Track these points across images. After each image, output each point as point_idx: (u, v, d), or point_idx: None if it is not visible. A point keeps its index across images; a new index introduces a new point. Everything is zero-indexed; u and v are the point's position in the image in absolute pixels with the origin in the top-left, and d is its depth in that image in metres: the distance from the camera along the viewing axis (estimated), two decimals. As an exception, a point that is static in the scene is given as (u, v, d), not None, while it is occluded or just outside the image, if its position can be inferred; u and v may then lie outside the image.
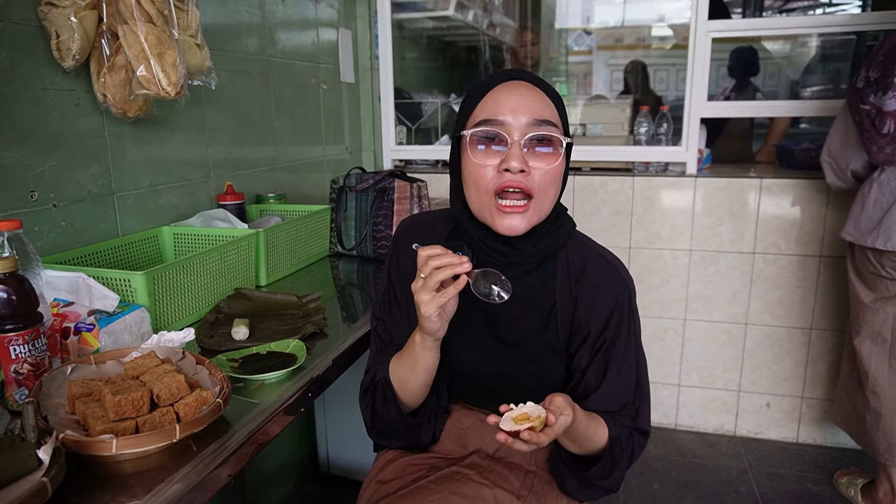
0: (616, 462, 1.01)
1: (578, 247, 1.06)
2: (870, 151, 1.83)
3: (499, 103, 0.93)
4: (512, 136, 0.92)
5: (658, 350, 2.61)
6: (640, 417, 1.05)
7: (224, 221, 1.61)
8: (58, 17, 1.20)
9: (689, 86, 2.40)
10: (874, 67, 1.76)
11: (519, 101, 0.93)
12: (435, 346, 0.97)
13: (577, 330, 1.04)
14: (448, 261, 0.87)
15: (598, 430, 0.98)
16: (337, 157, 2.53)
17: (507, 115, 0.92)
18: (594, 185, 2.53)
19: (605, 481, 1.03)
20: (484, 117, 0.94)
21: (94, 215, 1.39)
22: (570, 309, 1.04)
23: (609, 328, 1.02)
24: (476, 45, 3.85)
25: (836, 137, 1.96)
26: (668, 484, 2.29)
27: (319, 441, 2.33)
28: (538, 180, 0.93)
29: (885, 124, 1.73)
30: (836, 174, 2.01)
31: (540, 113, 0.93)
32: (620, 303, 1.03)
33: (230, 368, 1.05)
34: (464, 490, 1.02)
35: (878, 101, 1.74)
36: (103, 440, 0.75)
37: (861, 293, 1.97)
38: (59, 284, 1.12)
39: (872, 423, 1.98)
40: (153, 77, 1.24)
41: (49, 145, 1.27)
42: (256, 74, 1.96)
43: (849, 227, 1.96)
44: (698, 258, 2.49)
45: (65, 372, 0.93)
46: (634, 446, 1.04)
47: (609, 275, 1.05)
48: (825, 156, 2.01)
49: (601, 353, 1.03)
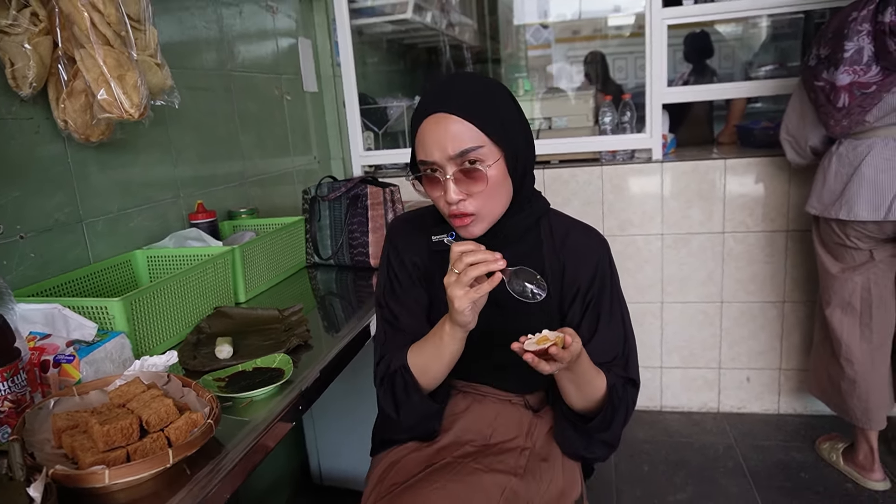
0: (615, 412, 1.08)
1: (558, 219, 1.18)
2: (827, 125, 1.88)
3: (426, 143, 1.01)
4: (445, 173, 1.01)
5: (638, 334, 2.60)
6: (629, 366, 1.14)
7: (198, 240, 1.59)
8: (10, 44, 1.18)
9: (648, 73, 2.44)
10: (824, 45, 1.82)
11: (440, 137, 0.99)
12: (464, 336, 1.03)
13: (567, 291, 1.14)
14: (483, 257, 0.93)
15: (598, 376, 1.06)
16: (306, 168, 2.52)
17: (436, 154, 1.00)
18: (564, 177, 2.56)
19: (605, 434, 1.11)
20: (421, 157, 1.03)
21: (64, 244, 1.37)
22: (559, 272, 1.14)
23: (595, 285, 1.13)
24: (436, 46, 3.87)
25: (794, 115, 2.01)
26: (658, 465, 2.33)
27: (310, 453, 2.31)
28: (476, 202, 1.02)
29: (840, 98, 1.79)
30: (795, 151, 2.07)
31: (460, 143, 0.99)
32: (602, 261, 1.14)
33: (217, 388, 1.04)
34: (461, 477, 1.06)
35: (830, 76, 1.80)
36: (95, 471, 0.73)
37: (828, 264, 2.03)
38: (34, 317, 1.09)
39: (848, 389, 2.04)
40: (115, 100, 1.22)
41: (11, 176, 1.24)
42: (219, 90, 1.94)
43: (812, 200, 2.02)
44: (670, 241, 2.54)
45: (48, 406, 0.91)
46: (629, 398, 1.12)
47: (589, 238, 1.16)
48: (784, 134, 2.07)
49: (591, 308, 1.13)
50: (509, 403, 1.24)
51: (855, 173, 1.85)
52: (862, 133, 1.86)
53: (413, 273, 1.17)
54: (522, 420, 1.21)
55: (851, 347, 2.01)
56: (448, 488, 1.04)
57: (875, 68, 1.73)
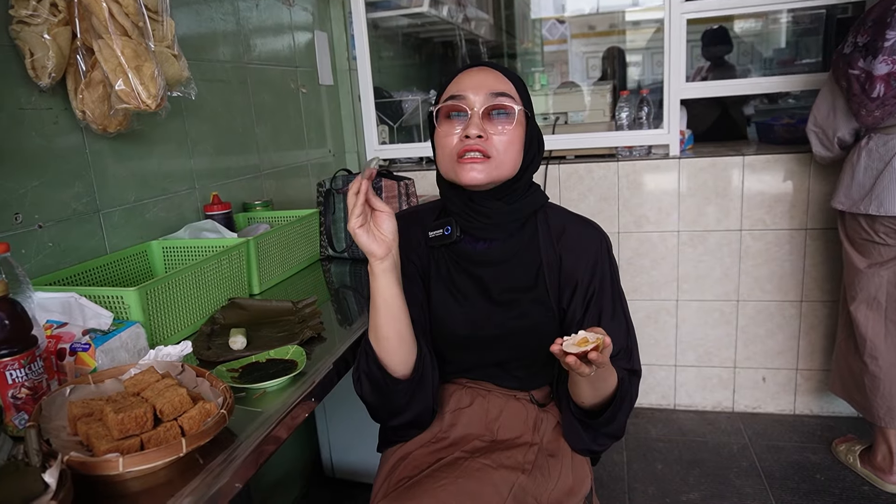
0: (620, 405, 1.08)
1: (555, 212, 1.20)
2: (858, 115, 1.85)
3: (461, 83, 1.09)
4: (472, 108, 1.06)
5: (652, 332, 2.63)
6: (633, 358, 1.15)
7: (213, 232, 1.60)
8: (30, 35, 1.18)
9: (667, 68, 2.41)
10: (863, 32, 1.79)
11: (478, 79, 1.08)
12: (383, 270, 0.99)
13: (566, 284, 1.14)
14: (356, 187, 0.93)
15: (613, 374, 1.06)
16: (320, 161, 2.52)
17: (468, 91, 1.07)
18: (579, 173, 2.54)
19: (610, 427, 1.11)
20: (449, 94, 1.09)
21: (81, 234, 1.38)
22: (556, 265, 1.14)
23: (595, 278, 1.13)
24: (452, 40, 3.85)
25: (823, 106, 1.97)
26: (672, 463, 2.31)
27: (322, 445, 2.32)
28: (496, 143, 1.06)
29: (876, 87, 1.76)
30: (822, 143, 2.03)
31: (496, 87, 1.07)
32: (601, 254, 1.14)
33: (231, 379, 1.05)
34: (469, 473, 1.05)
35: (867, 65, 1.77)
36: (109, 459, 0.74)
37: (855, 260, 2.00)
38: (51, 306, 1.10)
39: (871, 386, 2.02)
40: (132, 91, 1.22)
41: (30, 166, 1.26)
42: (235, 82, 1.95)
43: (840, 195, 1.99)
44: (686, 238, 2.51)
45: (64, 393, 0.92)
46: (633, 390, 1.13)
47: (587, 231, 1.17)
48: (811, 125, 2.03)
49: (593, 303, 1.12)
50: (514, 398, 1.23)
51: (886, 168, 1.82)
52: (893, 127, 1.83)
53: (410, 269, 1.16)
54: (528, 415, 1.21)
55: (876, 343, 1.98)
56: (458, 484, 1.04)
57: None
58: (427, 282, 1.18)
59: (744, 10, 2.63)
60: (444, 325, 1.17)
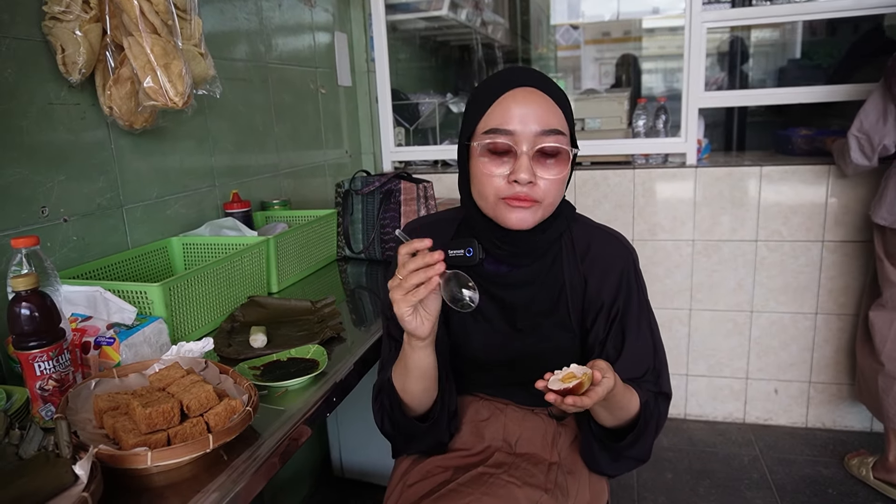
0: (646, 428, 1.03)
1: (581, 228, 1.11)
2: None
3: (508, 112, 0.95)
4: (521, 147, 0.94)
5: (665, 340, 2.57)
6: (661, 380, 1.08)
7: (233, 230, 1.61)
8: (62, 31, 1.20)
9: (685, 76, 2.40)
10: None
11: (528, 110, 0.94)
12: (422, 346, 0.96)
13: (590, 306, 1.08)
14: (423, 262, 0.86)
15: (633, 399, 1.00)
16: (337, 161, 2.53)
17: (517, 125, 0.94)
18: (595, 179, 2.54)
19: (634, 450, 1.05)
20: (493, 126, 0.95)
21: (104, 228, 1.39)
22: (580, 287, 1.08)
23: (620, 297, 1.06)
24: (469, 44, 3.86)
25: (873, 112, 1.96)
26: (682, 473, 2.30)
27: (332, 445, 2.33)
28: (543, 188, 0.96)
29: None
30: (862, 150, 2.02)
31: (548, 122, 0.94)
32: (627, 271, 1.07)
33: (253, 377, 1.05)
34: (494, 490, 1.03)
35: None
36: (138, 453, 0.75)
37: (892, 275, 2.02)
38: (77, 299, 1.11)
39: (885, 387, 2.04)
40: (160, 88, 1.23)
41: (57, 160, 1.27)
42: (256, 81, 1.96)
43: (882, 211, 1.99)
44: (701, 248, 2.50)
45: (89, 386, 0.93)
46: (660, 411, 1.07)
47: (613, 247, 1.09)
48: (855, 131, 2.02)
49: (616, 322, 1.06)
50: (532, 413, 1.20)
51: None
52: None
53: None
54: (547, 430, 1.18)
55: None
56: (483, 501, 1.01)
57: None
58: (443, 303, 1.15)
59: (764, 21, 2.62)
60: (464, 347, 1.12)
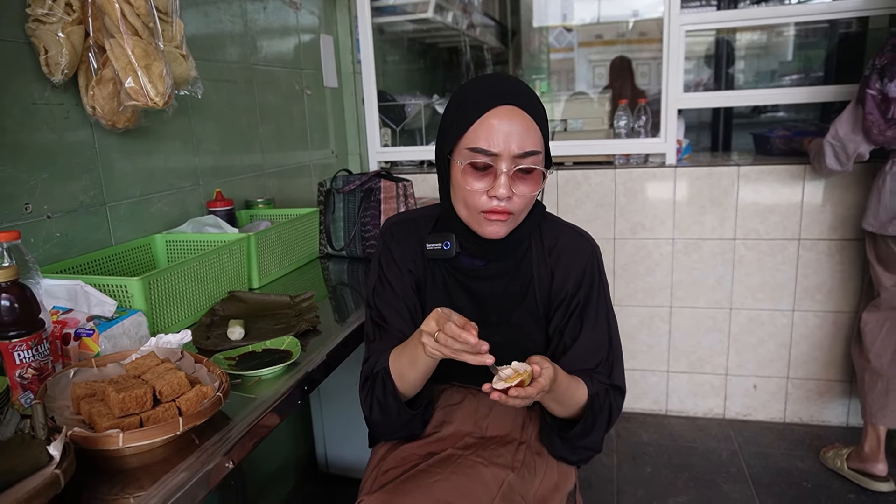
0: (596, 419, 1.09)
1: (550, 225, 1.19)
2: (870, 133, 1.93)
3: (491, 132, 1.00)
4: (500, 167, 1.01)
5: (645, 338, 2.67)
6: (614, 373, 1.14)
7: (215, 227, 1.64)
8: (45, 33, 1.24)
9: (664, 78, 2.45)
10: (881, 56, 1.88)
11: (510, 131, 1.00)
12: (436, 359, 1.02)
13: (555, 297, 1.15)
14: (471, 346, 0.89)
15: (579, 389, 1.07)
16: (323, 162, 2.57)
17: (500, 146, 1.00)
18: (577, 179, 2.59)
19: (586, 440, 1.12)
20: (476, 145, 1.01)
21: (88, 225, 1.43)
22: (547, 279, 1.15)
23: (581, 289, 1.13)
24: (457, 46, 3.90)
25: (848, 121, 2.03)
26: (661, 468, 2.34)
27: (317, 441, 2.36)
28: (518, 202, 1.04)
29: (891, 109, 1.84)
30: (836, 157, 2.08)
31: (527, 144, 1.01)
32: (590, 266, 1.15)
33: (228, 366, 1.09)
34: (462, 470, 1.08)
35: (883, 87, 1.85)
36: (110, 434, 0.78)
37: (883, 279, 2.09)
38: (58, 292, 1.15)
39: (870, 383, 2.13)
40: (141, 88, 1.27)
41: (41, 158, 1.31)
42: (241, 82, 2.00)
43: (869, 217, 2.07)
44: (681, 246, 2.55)
45: (68, 375, 0.97)
46: (612, 404, 1.12)
47: (579, 243, 1.17)
48: (830, 138, 2.07)
49: (576, 313, 1.13)
50: None
51: None
52: None
53: (407, 279, 1.18)
54: (516, 413, 1.24)
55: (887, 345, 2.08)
56: (451, 480, 1.06)
57: None
58: (422, 291, 1.20)
59: (743, 24, 2.67)
60: None
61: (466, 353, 0.91)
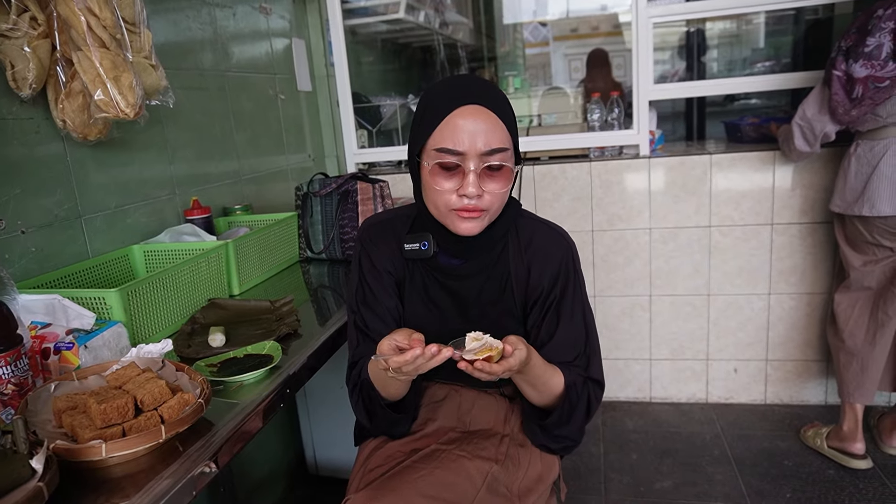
0: (573, 409, 1.12)
1: (526, 222, 1.20)
2: (836, 113, 1.98)
3: (457, 131, 1.01)
4: (468, 165, 1.02)
5: (627, 327, 2.71)
6: (592, 367, 1.16)
7: (192, 235, 1.64)
8: (10, 48, 1.23)
9: (635, 70, 2.49)
10: (847, 37, 1.92)
11: (475, 129, 1.01)
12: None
13: (531, 293, 1.17)
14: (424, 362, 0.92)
15: (554, 376, 1.10)
16: (300, 166, 2.57)
17: (465, 146, 1.01)
18: (553, 173, 2.61)
19: (565, 429, 1.14)
20: (443, 145, 1.02)
21: (63, 239, 1.42)
22: (524, 276, 1.17)
23: (558, 285, 1.15)
24: (430, 45, 3.91)
25: (814, 103, 2.07)
26: (646, 454, 2.38)
27: (305, 444, 2.37)
28: (489, 199, 1.05)
29: (856, 89, 1.88)
30: (804, 138, 2.13)
31: (493, 141, 1.02)
32: (565, 261, 1.16)
33: (209, 373, 1.10)
34: (446, 464, 1.10)
35: (848, 68, 1.90)
36: (93, 445, 0.79)
37: (852, 259, 2.15)
38: (35, 307, 1.15)
39: (845, 362, 2.19)
40: (111, 100, 1.27)
41: (13, 174, 1.30)
42: (213, 90, 2.00)
43: (836, 199, 2.12)
44: (658, 236, 2.59)
45: (49, 389, 0.97)
46: (591, 395, 1.15)
47: (554, 239, 1.18)
48: (798, 119, 2.12)
49: (553, 308, 1.15)
50: (485, 393, 1.28)
51: (874, 172, 1.96)
52: (877, 133, 1.96)
53: (386, 281, 1.19)
54: (499, 408, 1.26)
55: (860, 324, 2.14)
56: (434, 475, 1.08)
57: (892, 65, 1.82)
58: (402, 291, 1.21)
59: (708, 14, 2.71)
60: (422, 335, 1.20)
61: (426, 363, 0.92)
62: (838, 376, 2.23)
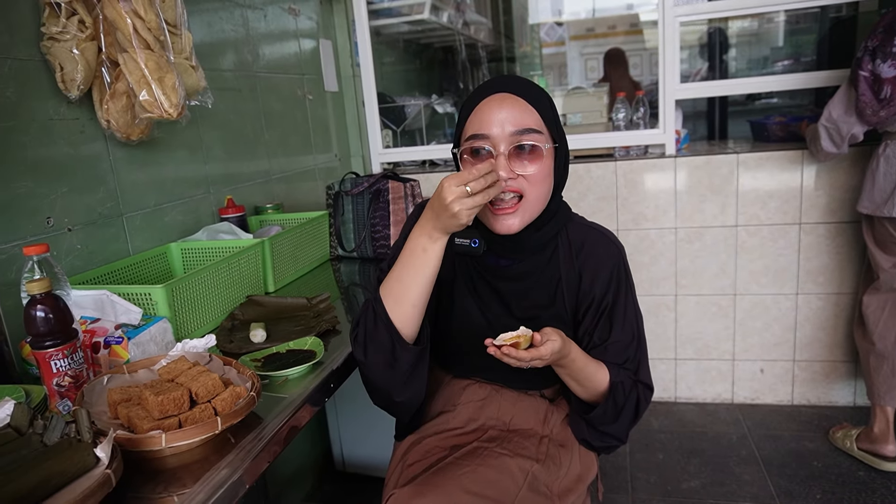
0: (620, 408, 1.12)
1: (576, 227, 1.20)
2: (864, 114, 1.96)
3: (484, 118, 1.04)
4: (498, 148, 1.02)
5: (653, 326, 2.70)
6: (641, 371, 1.17)
7: (229, 234, 1.67)
8: (60, 50, 1.26)
9: (661, 70, 2.48)
10: (874, 37, 1.91)
11: (502, 114, 1.03)
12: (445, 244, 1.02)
13: (583, 299, 1.16)
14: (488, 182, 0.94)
15: (598, 371, 1.10)
16: (327, 165, 2.60)
17: (493, 129, 1.02)
18: (579, 173, 2.62)
19: (610, 427, 1.15)
20: (472, 132, 1.05)
21: (106, 236, 1.45)
22: (575, 282, 1.16)
23: (610, 291, 1.15)
24: (452, 45, 3.93)
25: (841, 103, 2.06)
26: (673, 453, 2.38)
27: (333, 441, 2.39)
28: (525, 183, 1.04)
29: (884, 89, 1.87)
30: (831, 139, 2.11)
31: (522, 122, 1.03)
32: (617, 267, 1.16)
33: (254, 368, 1.12)
34: (488, 461, 1.10)
35: (875, 68, 1.88)
36: (153, 436, 0.81)
37: (881, 260, 2.13)
38: (84, 303, 1.18)
39: (875, 365, 2.15)
40: (155, 100, 1.30)
41: (59, 173, 1.33)
42: (245, 90, 2.03)
43: (864, 200, 2.10)
44: (684, 235, 2.58)
45: (102, 382, 1.00)
46: (639, 397, 1.15)
47: (605, 245, 1.18)
48: (824, 121, 2.11)
49: (605, 314, 1.15)
50: (525, 395, 1.28)
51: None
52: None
53: None
54: (539, 408, 1.26)
55: (889, 326, 2.11)
56: (478, 472, 1.09)
57: None
58: (449, 286, 1.20)
59: (735, 13, 2.70)
60: (467, 332, 1.19)
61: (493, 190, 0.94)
62: (868, 379, 2.20)
